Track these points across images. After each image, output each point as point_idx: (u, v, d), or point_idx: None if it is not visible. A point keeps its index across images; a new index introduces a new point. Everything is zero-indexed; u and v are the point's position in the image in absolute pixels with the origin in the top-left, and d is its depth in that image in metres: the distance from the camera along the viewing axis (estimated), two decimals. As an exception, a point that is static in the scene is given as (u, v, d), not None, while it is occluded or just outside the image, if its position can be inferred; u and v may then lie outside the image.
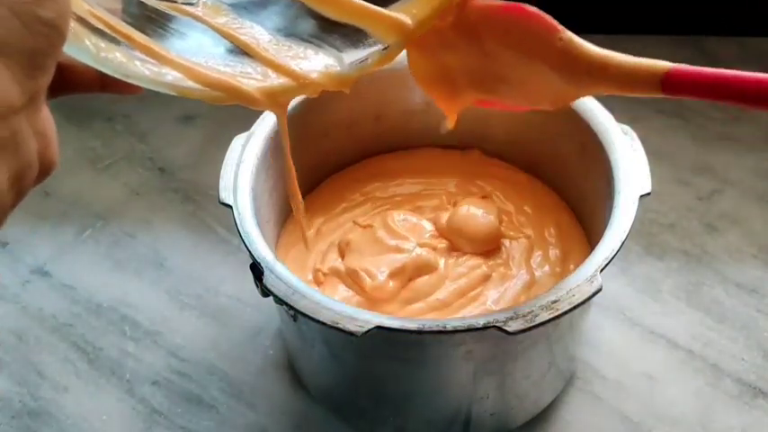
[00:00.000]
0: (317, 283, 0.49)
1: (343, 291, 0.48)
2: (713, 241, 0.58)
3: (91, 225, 0.62)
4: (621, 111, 0.48)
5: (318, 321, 0.38)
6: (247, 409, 0.51)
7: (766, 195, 0.61)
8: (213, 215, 0.61)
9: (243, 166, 0.47)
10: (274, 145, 0.49)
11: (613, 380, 0.51)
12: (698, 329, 0.53)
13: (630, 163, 0.44)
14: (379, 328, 0.38)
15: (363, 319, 0.38)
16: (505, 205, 0.53)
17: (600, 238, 0.42)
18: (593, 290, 0.39)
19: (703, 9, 0.72)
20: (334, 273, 0.49)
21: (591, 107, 0.48)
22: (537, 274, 0.49)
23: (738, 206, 0.60)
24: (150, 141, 0.67)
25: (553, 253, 0.50)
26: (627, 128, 0.46)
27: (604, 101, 0.48)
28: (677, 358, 0.52)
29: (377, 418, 0.48)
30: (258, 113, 0.49)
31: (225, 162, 0.47)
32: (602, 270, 0.40)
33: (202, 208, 0.62)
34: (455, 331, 0.38)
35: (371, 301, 0.47)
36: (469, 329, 0.38)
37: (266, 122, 0.49)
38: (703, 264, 0.57)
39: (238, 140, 0.48)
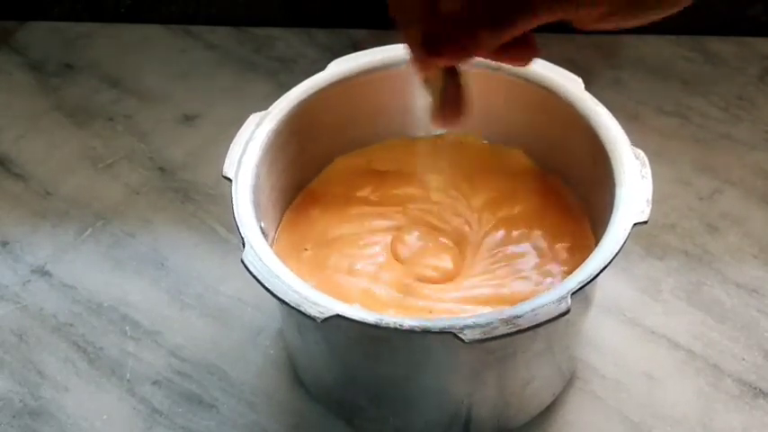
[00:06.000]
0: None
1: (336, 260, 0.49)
2: (714, 241, 0.58)
3: (91, 225, 0.62)
4: (622, 110, 0.48)
5: (283, 302, 0.39)
6: (248, 409, 0.51)
7: (767, 195, 0.61)
8: (214, 215, 0.61)
9: (252, 144, 0.47)
10: (289, 127, 0.49)
11: (613, 380, 0.51)
12: (698, 329, 0.53)
13: (633, 188, 0.43)
14: (338, 316, 0.39)
15: (326, 305, 0.39)
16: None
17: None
18: (558, 312, 0.38)
19: (703, 9, 0.72)
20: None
21: (607, 125, 0.47)
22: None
23: (739, 206, 0.60)
24: (150, 141, 0.67)
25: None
26: (640, 152, 0.45)
27: (604, 98, 0.48)
28: (678, 358, 0.52)
29: (377, 418, 0.48)
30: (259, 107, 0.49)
31: (236, 137, 0.47)
32: (574, 293, 0.39)
33: (203, 208, 0.62)
34: (411, 331, 0.38)
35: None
36: (425, 331, 0.38)
37: (284, 102, 0.49)
38: (704, 264, 0.57)
39: (254, 117, 0.48)
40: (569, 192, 0.52)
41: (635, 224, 0.42)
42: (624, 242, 0.41)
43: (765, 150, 0.64)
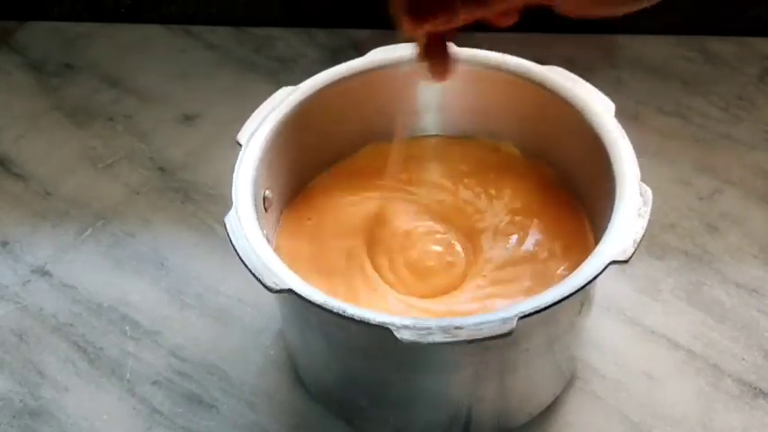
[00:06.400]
0: None
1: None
2: (714, 241, 0.58)
3: (91, 225, 0.62)
4: (622, 111, 0.48)
5: (246, 266, 0.41)
6: (248, 409, 0.51)
7: (767, 195, 0.61)
8: (214, 215, 0.61)
9: (273, 114, 0.48)
10: (318, 104, 0.50)
11: (613, 380, 0.51)
12: (698, 329, 0.53)
13: (626, 225, 0.42)
14: (291, 291, 0.39)
15: (282, 279, 0.40)
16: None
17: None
18: (500, 331, 0.38)
19: (703, 9, 0.72)
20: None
21: (622, 156, 0.45)
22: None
23: (739, 206, 0.60)
24: (150, 141, 0.67)
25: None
26: (647, 189, 0.43)
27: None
28: (678, 358, 0.52)
29: (377, 418, 0.48)
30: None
31: (261, 105, 0.48)
32: (523, 318, 0.38)
33: (203, 208, 0.62)
34: (351, 319, 0.38)
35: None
36: (364, 322, 0.38)
37: (317, 79, 0.50)
38: (704, 264, 0.57)
39: (283, 91, 0.49)
40: (586, 215, 0.51)
41: (613, 261, 0.40)
42: (594, 278, 0.40)
43: (765, 150, 0.64)
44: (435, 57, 0.43)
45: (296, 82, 0.51)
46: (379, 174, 0.53)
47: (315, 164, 0.54)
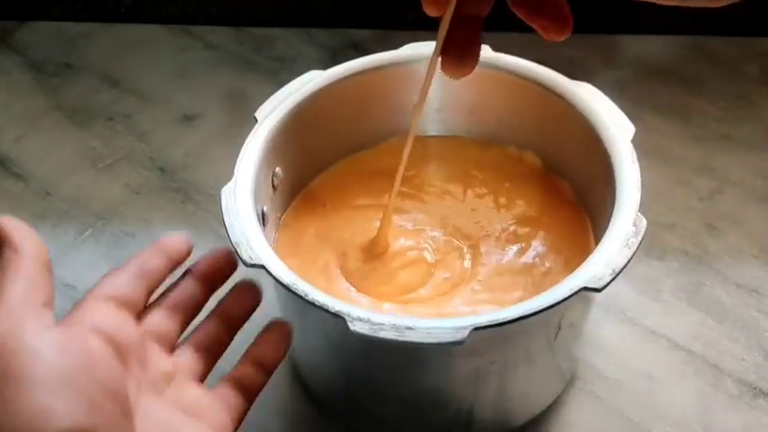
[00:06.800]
0: None
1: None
2: (714, 241, 0.58)
3: (91, 225, 0.62)
4: (622, 111, 0.48)
5: (228, 236, 0.41)
6: (248, 409, 0.51)
7: (767, 196, 0.61)
8: (214, 215, 0.61)
9: (294, 96, 0.48)
10: (342, 95, 0.50)
11: (614, 380, 0.51)
12: (698, 330, 0.53)
13: (607, 253, 0.40)
14: (262, 267, 0.40)
15: (259, 255, 0.40)
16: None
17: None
18: (450, 339, 0.37)
19: (703, 9, 0.72)
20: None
21: (629, 184, 0.44)
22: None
23: (739, 206, 0.60)
24: (150, 141, 0.67)
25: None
26: (642, 220, 0.42)
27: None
28: (678, 358, 0.52)
29: (377, 418, 0.48)
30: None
31: (285, 86, 0.49)
32: (477, 329, 0.37)
33: (203, 208, 0.62)
34: (313, 304, 0.39)
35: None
36: (321, 308, 0.38)
37: (343, 67, 0.50)
38: (704, 264, 0.57)
39: (312, 74, 0.50)
40: (591, 228, 0.50)
41: (585, 288, 0.39)
42: (561, 302, 0.38)
43: (765, 150, 0.64)
44: (458, 48, 0.41)
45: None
46: (394, 170, 0.53)
47: (334, 151, 0.54)
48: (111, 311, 0.36)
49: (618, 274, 0.39)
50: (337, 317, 0.38)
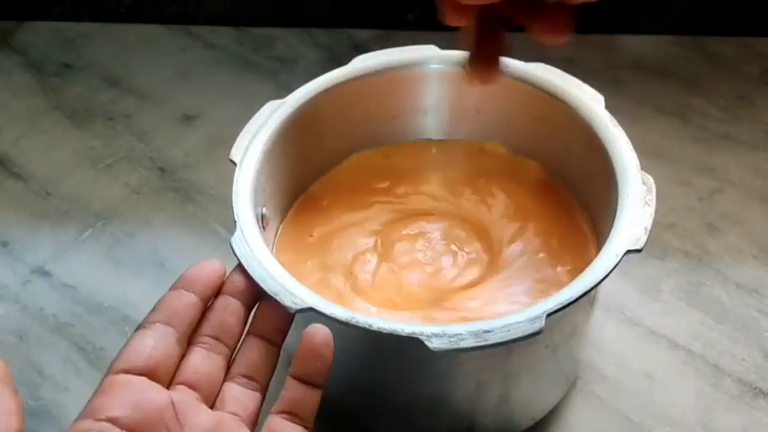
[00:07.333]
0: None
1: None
2: (714, 241, 0.58)
3: (91, 225, 0.62)
4: (622, 111, 0.48)
5: (263, 288, 0.40)
6: (248, 409, 0.51)
7: (767, 195, 0.61)
8: (214, 215, 0.61)
9: (264, 130, 0.47)
10: (305, 118, 0.49)
11: (614, 380, 0.51)
12: (698, 329, 0.53)
13: (634, 214, 0.42)
14: (312, 309, 0.39)
15: (302, 297, 0.39)
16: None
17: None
18: (530, 330, 0.37)
19: (703, 9, 0.72)
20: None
21: (620, 148, 0.45)
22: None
23: (739, 206, 0.60)
24: (150, 141, 0.67)
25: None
26: (649, 178, 0.43)
27: (604, 98, 0.48)
28: (678, 358, 0.52)
29: (378, 423, 0.48)
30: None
31: (249, 123, 0.48)
32: (550, 315, 0.38)
33: (203, 208, 0.62)
34: (380, 333, 0.38)
35: None
36: (393, 334, 0.38)
37: (302, 92, 0.49)
38: (704, 264, 0.57)
39: (271, 105, 0.49)
40: (582, 211, 0.51)
41: (628, 251, 0.40)
42: (613, 268, 0.40)
43: (765, 150, 0.64)
44: (485, 54, 0.40)
45: (296, 82, 0.51)
46: (372, 184, 0.53)
47: (305, 176, 0.53)
48: (132, 390, 0.35)
49: (650, 231, 0.41)
50: (412, 338, 0.37)
